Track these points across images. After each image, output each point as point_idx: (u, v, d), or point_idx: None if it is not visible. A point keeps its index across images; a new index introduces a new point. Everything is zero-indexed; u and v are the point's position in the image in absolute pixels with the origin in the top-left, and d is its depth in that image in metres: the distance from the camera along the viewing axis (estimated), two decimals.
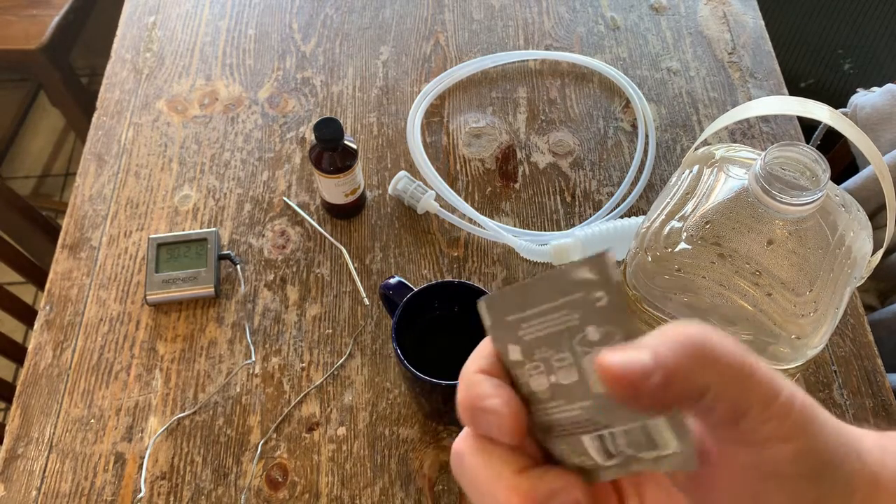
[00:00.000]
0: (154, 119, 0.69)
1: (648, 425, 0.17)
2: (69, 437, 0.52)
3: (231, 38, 0.74)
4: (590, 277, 0.17)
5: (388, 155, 0.66)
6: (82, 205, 0.63)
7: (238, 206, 0.63)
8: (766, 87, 0.70)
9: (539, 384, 0.19)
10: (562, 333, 0.18)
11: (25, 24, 1.12)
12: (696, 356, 0.16)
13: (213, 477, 0.50)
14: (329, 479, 0.50)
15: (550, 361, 0.18)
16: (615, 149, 0.66)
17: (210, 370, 0.54)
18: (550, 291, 0.18)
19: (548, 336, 0.18)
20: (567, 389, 0.18)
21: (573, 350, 0.18)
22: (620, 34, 0.74)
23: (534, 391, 0.19)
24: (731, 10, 0.76)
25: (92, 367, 0.55)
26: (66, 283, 0.59)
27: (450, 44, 0.74)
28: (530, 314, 0.18)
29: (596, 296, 0.17)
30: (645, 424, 0.17)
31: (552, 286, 0.18)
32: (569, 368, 0.18)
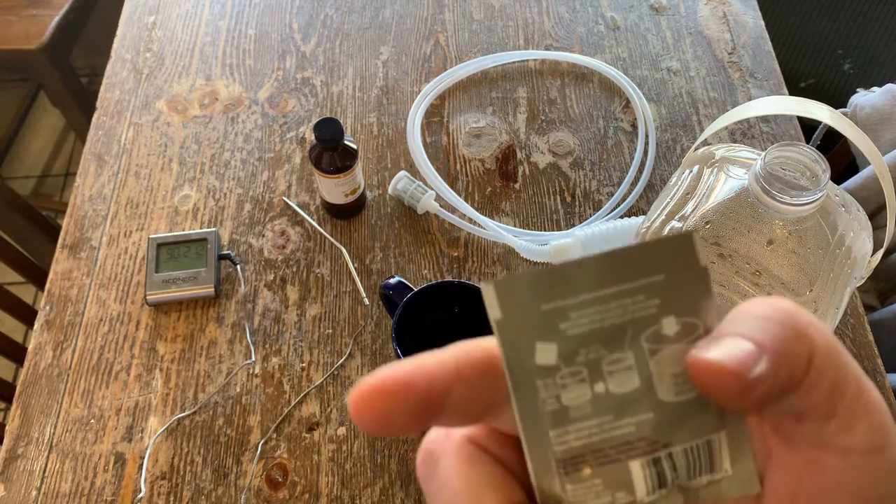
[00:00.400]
0: (154, 119, 0.69)
1: (713, 441, 0.15)
2: (69, 437, 0.52)
3: (231, 38, 0.74)
4: (677, 258, 0.14)
5: (388, 155, 0.66)
6: (82, 205, 0.63)
7: (238, 206, 0.63)
8: (766, 87, 0.70)
9: (575, 396, 0.15)
10: (624, 327, 0.14)
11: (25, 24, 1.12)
12: (795, 331, 0.13)
13: (213, 477, 0.50)
14: (329, 479, 0.50)
15: (600, 364, 0.14)
16: (615, 149, 0.66)
17: (210, 370, 0.54)
18: (616, 272, 0.14)
19: (603, 330, 0.14)
20: (620, 400, 0.15)
21: (638, 348, 0.14)
22: (620, 34, 0.74)
23: (565, 406, 0.15)
24: (731, 10, 0.76)
25: (92, 368, 0.55)
26: (66, 283, 0.59)
27: (450, 44, 0.74)
28: (583, 301, 0.14)
29: (681, 279, 0.14)
30: (710, 440, 0.15)
31: (617, 266, 0.14)
32: (627, 372, 0.14)
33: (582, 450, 0.15)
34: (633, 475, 0.15)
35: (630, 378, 0.15)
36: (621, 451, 0.15)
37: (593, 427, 0.15)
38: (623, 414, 0.15)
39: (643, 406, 0.15)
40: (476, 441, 0.15)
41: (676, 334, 0.14)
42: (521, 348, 0.14)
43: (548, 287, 0.14)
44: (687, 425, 0.15)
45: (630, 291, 0.14)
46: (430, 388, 0.13)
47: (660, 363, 0.14)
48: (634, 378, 0.15)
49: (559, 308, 0.14)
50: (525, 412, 0.14)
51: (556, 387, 0.15)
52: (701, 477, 0.15)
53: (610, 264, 0.14)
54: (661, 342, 0.14)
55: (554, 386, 0.15)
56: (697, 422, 0.15)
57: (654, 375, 0.14)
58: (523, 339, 0.14)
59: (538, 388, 0.15)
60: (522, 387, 0.14)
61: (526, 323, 0.14)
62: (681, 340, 0.14)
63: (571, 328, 0.14)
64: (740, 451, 0.15)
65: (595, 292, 0.14)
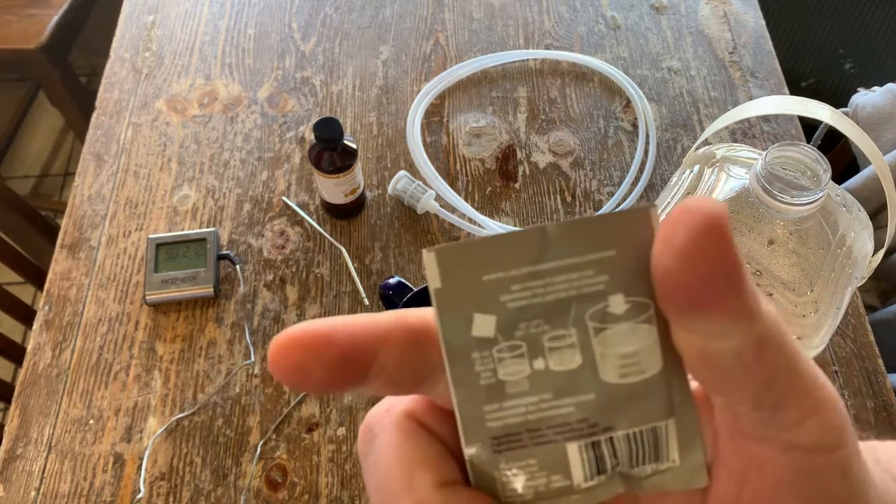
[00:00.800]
0: (153, 119, 0.68)
1: (659, 428, 0.14)
2: (68, 437, 0.51)
3: (230, 37, 0.74)
4: (632, 233, 0.13)
5: (388, 155, 0.66)
6: (81, 205, 0.63)
7: (237, 206, 0.63)
8: (766, 86, 0.70)
9: (513, 372, 0.14)
10: (568, 302, 0.14)
11: (24, 23, 1.12)
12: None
13: (213, 478, 0.50)
14: (329, 479, 0.50)
15: (541, 340, 0.14)
16: (615, 148, 0.66)
17: (209, 371, 0.54)
18: (563, 244, 0.13)
19: (546, 304, 0.14)
20: (560, 378, 0.14)
21: (581, 325, 0.14)
22: (621, 33, 0.74)
23: (501, 381, 0.14)
24: (732, 10, 0.76)
25: (91, 368, 0.54)
26: (65, 284, 0.59)
27: (450, 43, 0.73)
28: (526, 273, 0.13)
29: (635, 257, 0.13)
30: (655, 428, 0.14)
31: (566, 238, 0.13)
32: (568, 350, 0.14)
33: (517, 427, 0.14)
34: (570, 458, 0.14)
35: (572, 356, 0.14)
36: (559, 432, 0.14)
37: (531, 405, 0.14)
38: (562, 393, 0.14)
39: (584, 386, 0.14)
40: (415, 416, 0.15)
41: (625, 314, 0.13)
42: (458, 318, 0.14)
43: (491, 257, 0.14)
44: (631, 410, 0.14)
45: (577, 266, 0.13)
46: (352, 346, 0.13)
47: (604, 342, 0.14)
48: (577, 356, 0.14)
49: (501, 279, 0.14)
50: (459, 384, 0.14)
51: (492, 360, 0.14)
52: (644, 465, 0.14)
53: (558, 235, 0.13)
54: (607, 321, 0.14)
55: (491, 359, 0.14)
56: (643, 407, 0.14)
57: (597, 355, 0.14)
58: (461, 309, 0.14)
59: (474, 360, 0.14)
60: (457, 358, 0.14)
61: (465, 292, 0.14)
62: (628, 320, 0.14)
63: (513, 301, 0.14)
64: (689, 441, 0.14)
65: (540, 265, 0.13)
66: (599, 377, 0.14)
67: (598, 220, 0.13)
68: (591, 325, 0.14)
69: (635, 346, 0.14)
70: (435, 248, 0.14)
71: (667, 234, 0.12)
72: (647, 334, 0.14)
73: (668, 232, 0.12)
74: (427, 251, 0.14)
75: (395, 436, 0.14)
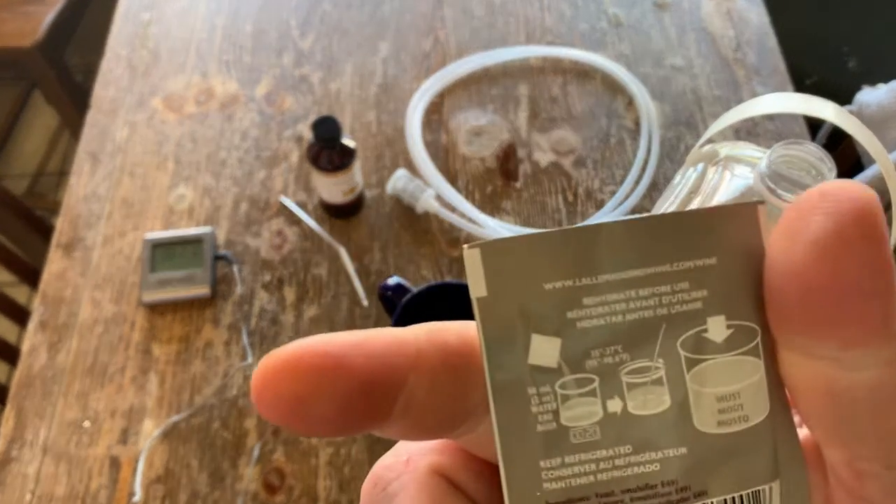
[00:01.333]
0: (149, 117, 0.68)
1: (763, 493, 0.11)
2: (63, 439, 0.51)
3: (227, 34, 0.73)
4: (734, 236, 0.10)
5: (387, 153, 0.65)
6: (76, 204, 0.63)
7: (234, 206, 0.62)
8: (770, 84, 0.69)
9: (580, 415, 0.11)
10: (656, 324, 0.10)
11: (19, 21, 1.11)
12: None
13: (210, 481, 0.49)
14: (327, 482, 0.49)
15: (618, 373, 0.11)
16: (618, 147, 0.65)
17: (206, 372, 0.54)
18: (653, 247, 0.10)
19: (628, 326, 0.10)
20: (643, 426, 0.11)
21: (672, 355, 0.11)
22: (623, 31, 0.73)
23: (564, 427, 0.11)
24: (736, 7, 0.76)
25: (87, 369, 0.54)
26: (60, 284, 0.58)
27: (450, 40, 0.73)
28: (605, 283, 0.10)
29: (738, 267, 0.10)
30: (759, 492, 0.11)
31: (655, 238, 0.10)
32: (654, 388, 0.11)
33: (584, 491, 0.11)
34: None
35: (658, 396, 0.11)
36: (639, 499, 0.11)
37: (603, 461, 0.11)
38: (645, 446, 0.11)
39: (673, 437, 0.11)
40: (444, 472, 0.11)
41: (726, 342, 0.10)
42: (510, 340, 0.10)
43: (556, 259, 0.10)
44: (731, 469, 0.11)
45: (669, 276, 0.10)
46: (371, 372, 0.10)
47: (701, 379, 0.11)
48: (664, 397, 0.11)
49: (569, 290, 0.10)
50: (507, 430, 0.10)
51: (554, 399, 0.10)
52: None
53: (645, 235, 0.10)
54: (704, 350, 0.10)
55: (552, 397, 0.10)
56: (745, 465, 0.11)
57: (691, 395, 0.10)
58: (514, 327, 0.10)
59: (529, 397, 0.10)
60: (507, 393, 0.10)
61: (520, 305, 0.10)
62: (731, 351, 0.10)
63: (584, 319, 0.10)
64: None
65: (622, 272, 0.10)
66: (693, 425, 0.11)
67: (695, 216, 0.10)
68: (684, 356, 0.11)
69: (738, 386, 0.11)
70: (480, 244, 0.10)
71: (796, 224, 0.09)
72: (753, 370, 0.11)
73: (798, 222, 0.09)
74: (469, 247, 0.10)
75: (421, 499, 0.11)
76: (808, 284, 0.09)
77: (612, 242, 0.10)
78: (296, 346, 0.09)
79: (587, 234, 0.10)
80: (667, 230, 0.10)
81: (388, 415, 0.10)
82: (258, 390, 0.09)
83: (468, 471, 0.11)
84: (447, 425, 0.11)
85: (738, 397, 0.11)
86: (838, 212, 0.09)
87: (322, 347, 0.09)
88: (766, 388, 0.11)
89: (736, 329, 0.10)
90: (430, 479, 0.11)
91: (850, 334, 0.09)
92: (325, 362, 0.09)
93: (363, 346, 0.10)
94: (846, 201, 0.09)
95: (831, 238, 0.09)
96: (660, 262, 0.10)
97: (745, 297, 0.10)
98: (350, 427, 0.10)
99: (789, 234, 0.09)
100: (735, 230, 0.10)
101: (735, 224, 0.10)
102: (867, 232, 0.09)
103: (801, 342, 0.09)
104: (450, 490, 0.11)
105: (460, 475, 0.11)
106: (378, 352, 0.10)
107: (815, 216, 0.09)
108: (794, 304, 0.09)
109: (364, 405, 0.09)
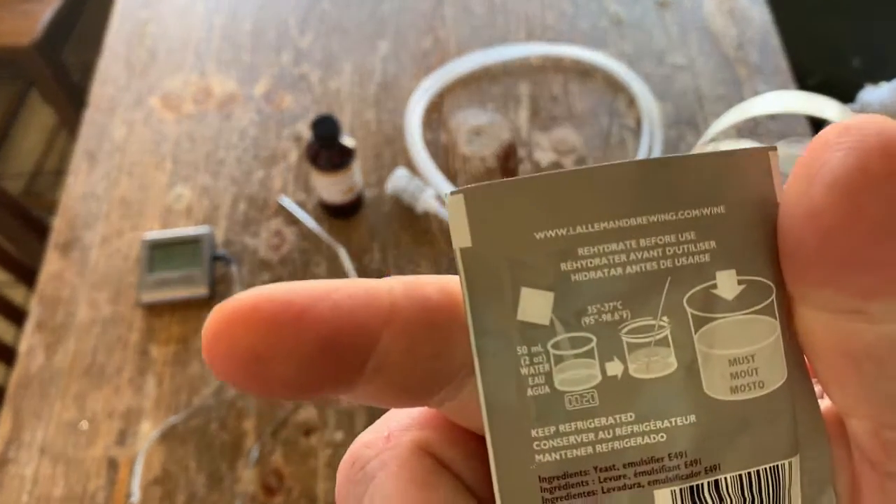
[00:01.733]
0: (147, 116, 0.67)
1: (782, 469, 0.10)
2: (61, 441, 0.51)
3: (226, 32, 0.73)
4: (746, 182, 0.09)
5: (387, 153, 0.65)
6: (74, 204, 0.62)
7: (233, 205, 0.61)
8: (773, 83, 0.69)
9: (576, 378, 0.09)
10: (660, 278, 0.09)
11: (17, 19, 1.10)
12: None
13: (208, 482, 0.49)
14: (326, 484, 0.49)
15: (619, 332, 0.09)
16: (619, 146, 0.65)
17: (204, 373, 0.53)
18: (655, 193, 0.09)
19: (629, 280, 0.09)
20: (647, 391, 0.09)
21: (678, 312, 0.09)
22: (624, 29, 0.73)
23: (559, 392, 0.09)
24: (738, 5, 0.75)
25: (84, 370, 0.53)
26: (57, 284, 0.58)
27: (450, 39, 0.72)
28: (601, 231, 0.09)
29: (749, 218, 0.09)
30: (777, 467, 0.10)
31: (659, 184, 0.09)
32: (659, 349, 0.09)
33: (581, 464, 0.09)
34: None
35: (663, 358, 0.09)
36: (643, 473, 0.09)
37: (601, 430, 0.09)
38: (649, 414, 0.09)
39: (681, 403, 0.09)
40: (431, 450, 0.10)
41: (738, 298, 0.09)
42: (497, 294, 0.09)
43: (549, 205, 0.09)
44: (745, 441, 0.09)
45: (674, 225, 0.09)
46: (340, 325, 0.08)
47: (710, 339, 0.09)
48: (670, 359, 0.09)
49: (563, 239, 0.09)
50: (494, 395, 0.09)
51: (546, 359, 0.09)
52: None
53: (648, 179, 0.09)
54: (714, 308, 0.09)
55: (544, 358, 0.09)
56: (761, 437, 0.09)
57: (699, 357, 0.09)
58: (502, 281, 0.09)
59: (518, 358, 0.09)
60: (494, 354, 0.09)
61: (509, 257, 0.09)
62: (743, 309, 0.09)
63: (579, 272, 0.09)
64: (818, 489, 0.10)
65: (621, 220, 0.09)
66: (703, 390, 0.09)
67: (702, 161, 0.09)
68: (692, 314, 0.09)
69: (752, 348, 0.09)
70: (464, 189, 0.09)
71: (813, 163, 0.08)
72: (769, 330, 0.09)
73: (816, 161, 0.08)
74: (452, 193, 0.09)
75: (400, 482, 0.09)
76: (827, 227, 0.08)
77: (610, 187, 0.09)
78: (252, 294, 0.08)
79: (583, 177, 0.09)
80: (671, 175, 0.09)
81: (357, 376, 0.09)
82: (209, 343, 0.08)
83: (456, 447, 0.10)
84: (426, 389, 0.09)
85: (752, 360, 0.09)
86: (862, 147, 0.08)
87: (283, 296, 0.08)
88: (782, 351, 0.10)
89: (748, 285, 0.09)
90: (413, 456, 0.10)
91: (876, 281, 0.08)
92: (286, 313, 0.08)
93: (330, 297, 0.08)
94: (872, 135, 0.08)
95: (854, 175, 0.08)
96: (664, 209, 0.09)
97: (758, 251, 0.09)
98: (313, 388, 0.09)
99: (806, 174, 0.08)
100: (746, 178, 0.09)
101: (746, 171, 0.09)
102: (893, 168, 0.07)
103: (821, 295, 0.08)
104: (435, 468, 0.10)
105: (447, 452, 0.10)
106: (346, 304, 0.09)
107: (835, 153, 0.08)
108: (813, 251, 0.08)
109: (329, 364, 0.08)
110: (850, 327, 0.08)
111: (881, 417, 0.09)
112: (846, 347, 0.09)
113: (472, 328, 0.09)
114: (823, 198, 0.08)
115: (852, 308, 0.08)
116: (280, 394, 0.08)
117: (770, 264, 0.09)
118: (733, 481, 0.09)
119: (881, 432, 0.09)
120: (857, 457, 0.10)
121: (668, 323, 0.09)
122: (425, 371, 0.09)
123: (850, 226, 0.08)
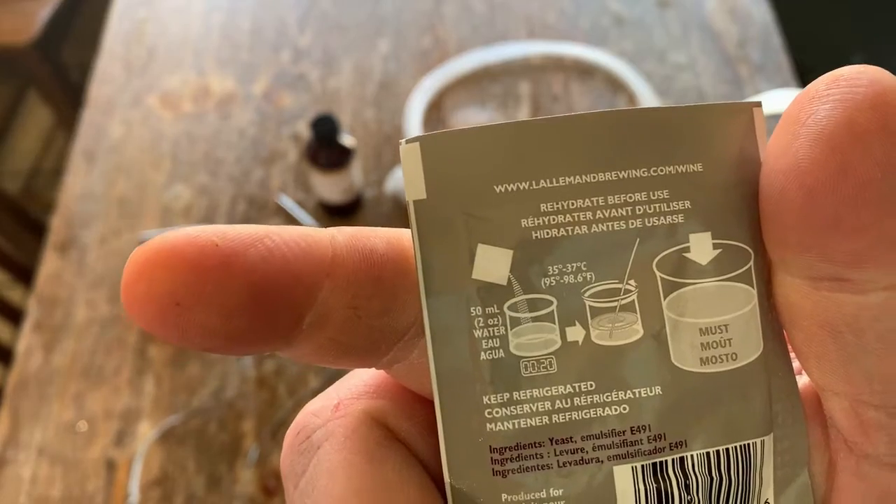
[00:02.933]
0: (145, 115, 0.67)
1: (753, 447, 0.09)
2: (59, 441, 0.50)
3: (224, 31, 0.73)
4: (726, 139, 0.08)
5: (386, 152, 0.64)
6: (72, 203, 0.62)
7: (232, 205, 0.61)
8: (774, 81, 0.69)
9: (533, 343, 0.09)
10: (628, 238, 0.09)
11: (15, 18, 1.10)
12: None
13: (206, 483, 0.48)
14: None
15: (581, 295, 0.09)
16: None
17: (203, 374, 0.53)
18: (625, 147, 0.09)
19: (594, 239, 0.09)
20: (609, 358, 0.09)
21: (646, 275, 0.09)
22: (625, 28, 0.73)
23: (514, 357, 0.09)
24: (739, 4, 0.75)
25: (82, 371, 0.53)
26: (55, 284, 0.57)
27: (450, 38, 0.72)
28: (566, 186, 0.08)
29: (727, 177, 0.08)
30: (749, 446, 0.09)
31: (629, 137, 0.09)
32: (624, 315, 0.09)
33: (536, 435, 0.09)
34: (619, 490, 0.09)
35: (628, 324, 0.09)
36: (602, 447, 0.09)
37: (559, 399, 0.09)
38: (611, 384, 0.09)
39: (646, 374, 0.09)
40: (381, 420, 0.09)
41: (712, 263, 0.09)
42: (451, 250, 0.09)
43: (510, 157, 0.08)
44: (715, 417, 0.09)
45: (645, 182, 0.08)
46: (270, 275, 0.08)
47: (680, 306, 0.09)
48: (636, 325, 0.09)
49: (525, 193, 0.08)
50: (444, 357, 0.09)
51: (502, 322, 0.09)
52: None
53: (619, 131, 0.08)
54: (685, 273, 0.09)
55: (499, 320, 0.09)
56: (733, 413, 0.09)
57: (668, 325, 0.09)
58: (457, 236, 0.09)
59: (472, 319, 0.09)
60: (445, 314, 0.09)
61: (465, 210, 0.09)
62: (718, 276, 0.09)
63: (541, 229, 0.09)
64: (792, 471, 0.09)
65: (588, 175, 0.08)
66: (670, 360, 0.09)
67: (679, 113, 0.09)
68: (661, 278, 0.09)
69: (726, 317, 0.09)
70: (421, 136, 0.09)
71: (798, 116, 0.07)
72: (745, 299, 0.09)
73: (801, 113, 0.07)
74: (408, 141, 0.09)
75: (346, 453, 0.09)
76: (811, 186, 0.07)
77: (578, 139, 0.08)
78: (175, 235, 0.07)
79: (548, 127, 0.08)
80: (645, 128, 0.08)
81: (293, 332, 0.08)
82: (126, 285, 0.07)
83: (411, 419, 0.09)
84: (372, 349, 0.09)
85: (725, 330, 0.09)
86: (852, 99, 0.07)
87: (209, 238, 0.07)
88: (759, 322, 0.09)
89: (724, 250, 0.09)
90: (360, 426, 0.09)
91: (860, 248, 0.07)
92: (210, 258, 0.07)
93: (262, 243, 0.08)
94: (863, 85, 0.07)
95: (841, 129, 0.07)
96: (635, 165, 0.08)
97: (737, 213, 0.09)
98: (241, 342, 0.08)
99: (790, 128, 0.07)
100: (727, 134, 0.09)
101: (727, 127, 0.09)
102: (885, 122, 0.07)
103: (802, 261, 0.08)
104: (384, 439, 0.09)
105: (401, 423, 0.09)
106: (281, 251, 0.08)
107: (822, 104, 0.07)
108: (795, 212, 0.07)
109: (260, 316, 0.08)
110: (832, 297, 0.08)
111: (860, 395, 0.08)
112: (826, 318, 0.08)
113: (422, 285, 0.09)
114: (808, 154, 0.07)
115: (834, 276, 0.08)
116: (202, 345, 0.08)
117: (749, 228, 0.09)
118: (700, 459, 0.09)
119: (860, 411, 0.08)
120: (834, 437, 0.09)
121: (635, 287, 0.09)
122: (370, 328, 0.08)
123: (836, 185, 0.07)
